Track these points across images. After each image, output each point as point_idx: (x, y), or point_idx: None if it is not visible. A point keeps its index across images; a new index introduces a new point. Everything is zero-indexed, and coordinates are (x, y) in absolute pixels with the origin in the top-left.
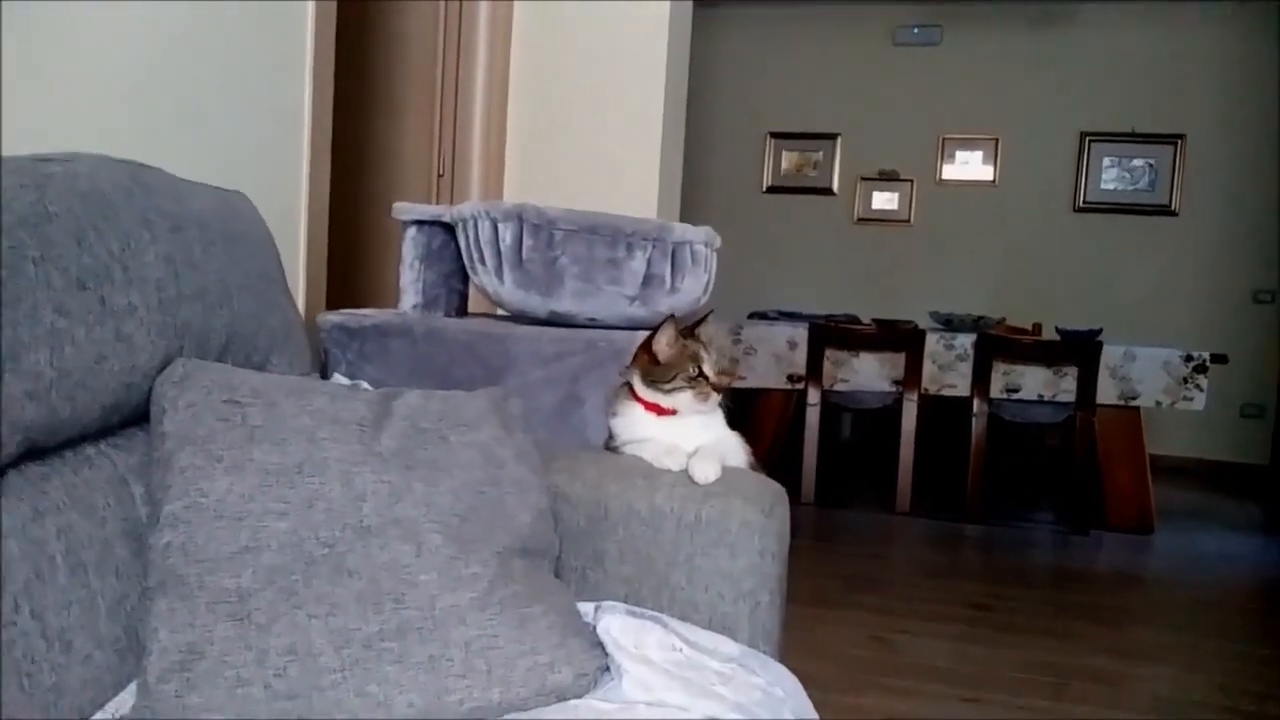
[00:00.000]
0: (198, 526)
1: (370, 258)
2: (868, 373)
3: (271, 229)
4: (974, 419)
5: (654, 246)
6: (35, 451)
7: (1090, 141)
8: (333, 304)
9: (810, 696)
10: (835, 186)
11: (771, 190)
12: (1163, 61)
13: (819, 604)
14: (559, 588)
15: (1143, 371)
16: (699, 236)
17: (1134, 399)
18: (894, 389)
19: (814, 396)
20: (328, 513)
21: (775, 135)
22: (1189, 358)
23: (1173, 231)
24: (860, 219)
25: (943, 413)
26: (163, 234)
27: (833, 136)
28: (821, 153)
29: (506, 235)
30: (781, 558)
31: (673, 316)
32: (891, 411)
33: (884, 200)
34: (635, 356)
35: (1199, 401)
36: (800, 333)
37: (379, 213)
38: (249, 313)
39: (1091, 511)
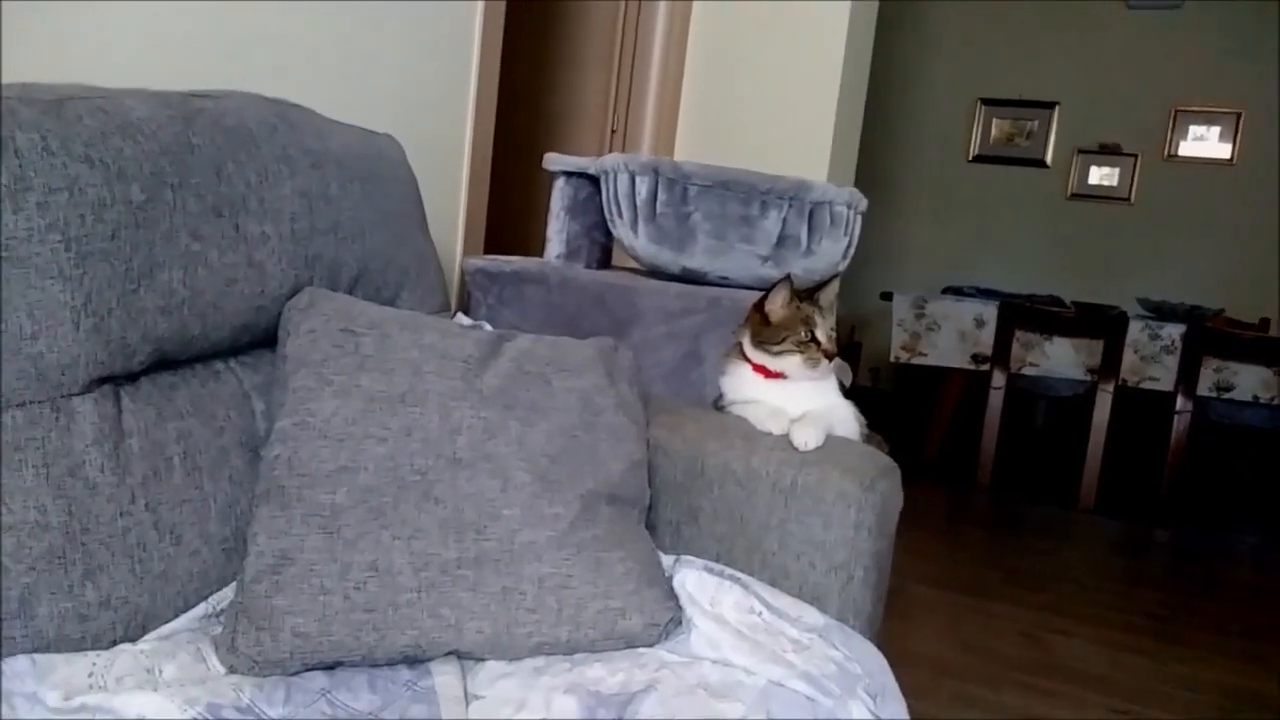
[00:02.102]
0: (303, 443)
1: (540, 207)
2: (1061, 358)
3: (432, 174)
4: (1176, 417)
5: (790, 205)
6: (167, 363)
7: None
8: (498, 249)
9: (941, 685)
10: (1049, 158)
11: (978, 160)
12: None
13: (975, 593)
14: (643, 537)
15: None
16: (840, 197)
17: None
18: (1088, 378)
19: (999, 379)
20: (424, 442)
21: (986, 102)
22: None
23: None
24: (1074, 194)
25: (1142, 407)
26: (301, 169)
27: (1050, 105)
28: (1036, 122)
29: (642, 189)
30: (881, 533)
31: (789, 277)
32: (1084, 401)
33: (1102, 175)
34: (748, 316)
35: None
36: (990, 310)
37: None
38: (381, 249)
39: None
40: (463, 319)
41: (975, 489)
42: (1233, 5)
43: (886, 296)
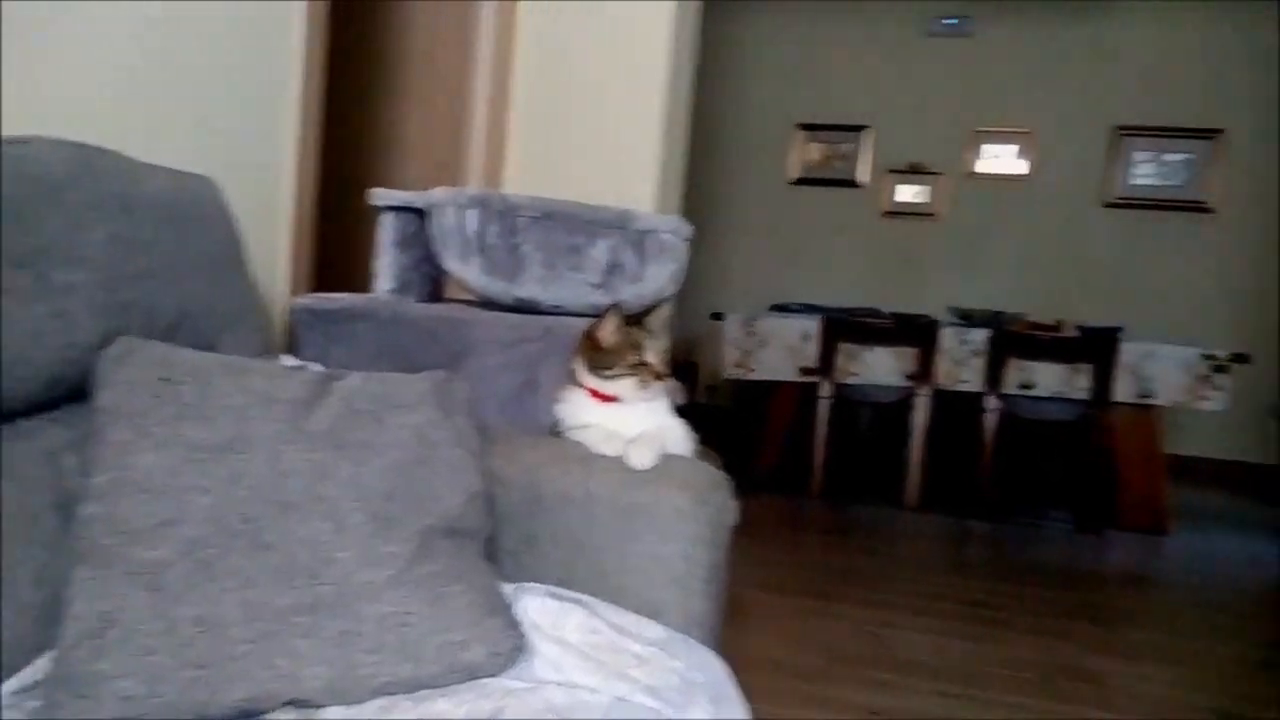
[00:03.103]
0: (122, 499)
1: (370, 243)
2: (880, 367)
3: (254, 213)
4: (986, 415)
5: (617, 234)
6: None
7: (1124, 136)
8: (332, 287)
9: (784, 686)
10: (863, 179)
11: (799, 182)
12: (1202, 55)
13: (813, 596)
14: (483, 568)
15: (1160, 370)
16: (666, 225)
17: (1150, 398)
18: (907, 383)
19: (825, 390)
20: (251, 489)
21: (803, 126)
22: (1209, 357)
23: (1208, 229)
24: (887, 212)
25: (957, 409)
26: (111, 214)
27: (861, 128)
28: (850, 145)
29: (471, 222)
30: (716, 545)
31: (617, 305)
32: (904, 406)
33: (912, 193)
34: (580, 343)
35: (1219, 401)
36: (814, 325)
37: None
38: (199, 293)
39: (1103, 511)
40: (288, 360)
41: (809, 495)
42: (1018, 31)
43: (717, 316)
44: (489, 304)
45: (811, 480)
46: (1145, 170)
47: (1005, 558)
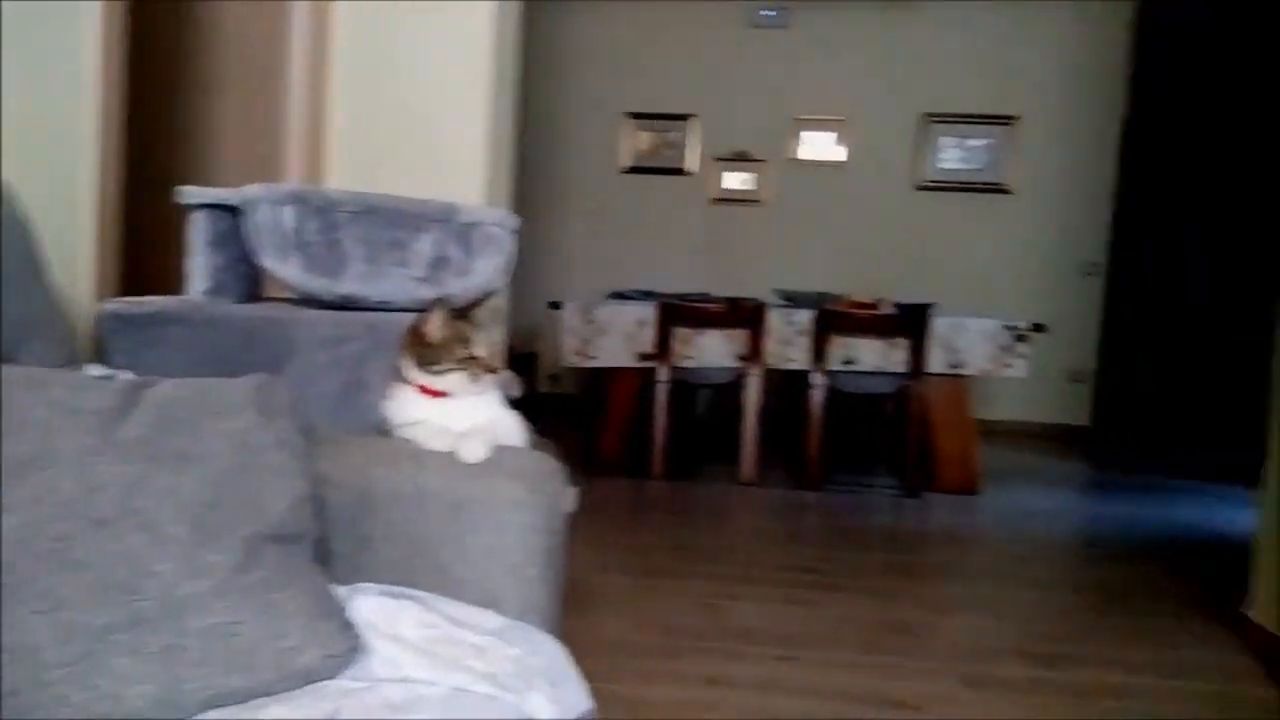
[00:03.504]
0: None
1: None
2: (714, 349)
3: (51, 217)
4: (812, 391)
5: (441, 228)
6: None
7: (931, 123)
8: (144, 292)
9: (627, 665)
10: (692, 166)
11: (630, 170)
12: (1000, 47)
13: (654, 575)
14: (314, 572)
15: (969, 342)
16: (492, 217)
17: (960, 368)
18: (739, 364)
19: (663, 374)
20: (58, 506)
21: (632, 116)
22: (1011, 328)
23: (1007, 209)
24: (716, 199)
25: (788, 386)
26: None
27: (688, 117)
28: (678, 133)
29: (288, 218)
30: (551, 531)
31: (441, 299)
32: (738, 386)
33: (739, 180)
34: (406, 339)
35: (1021, 369)
36: (649, 311)
37: None
38: None
39: (923, 475)
40: (95, 369)
41: (652, 477)
42: (834, 23)
43: (556, 305)
44: (311, 302)
45: (653, 462)
46: (951, 155)
47: (835, 525)
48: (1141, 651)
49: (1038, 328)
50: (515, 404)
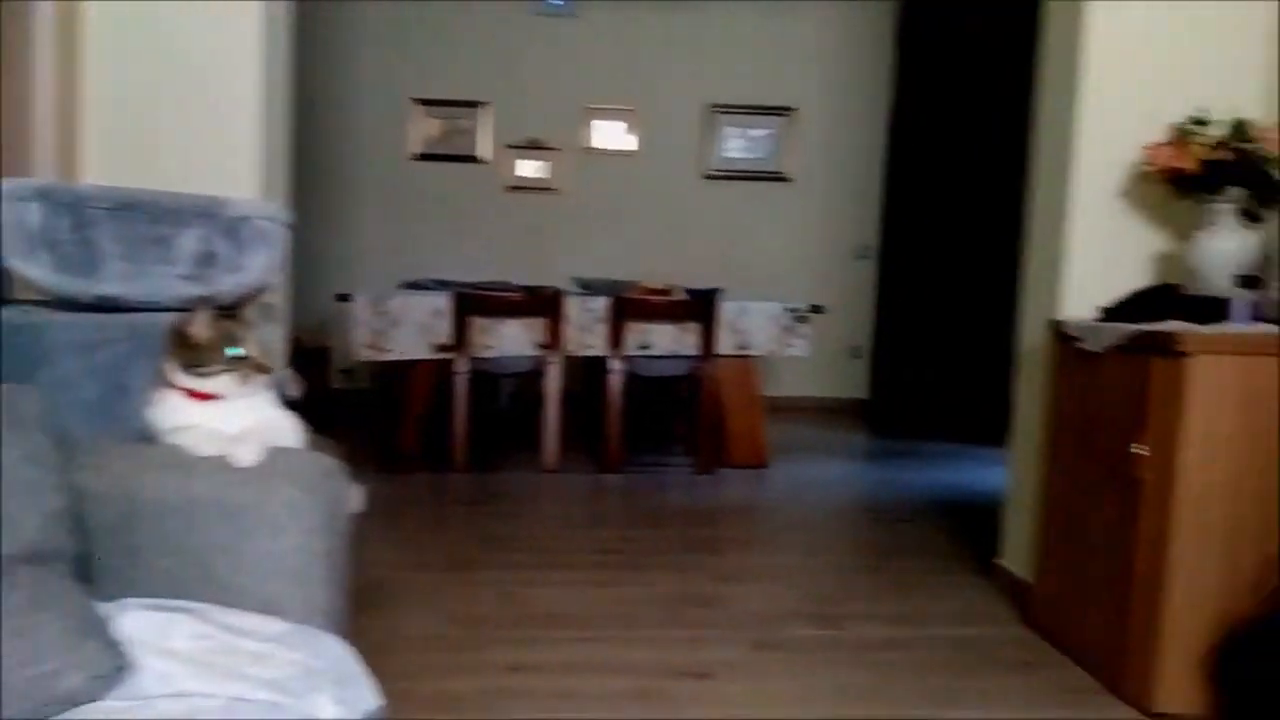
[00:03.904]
0: None
1: None
2: (513, 338)
3: None
4: (611, 376)
5: (207, 223)
6: None
7: (716, 113)
8: None
9: (431, 660)
10: (485, 154)
11: (421, 158)
12: (777, 40)
13: (457, 568)
14: (73, 591)
15: (754, 324)
16: (263, 211)
17: (747, 349)
18: (539, 353)
19: (461, 365)
20: None
21: (421, 102)
22: (792, 310)
23: (787, 196)
24: (510, 187)
25: (588, 372)
26: None
27: (479, 104)
28: (469, 120)
29: (34, 215)
30: (333, 532)
31: (206, 298)
32: (538, 374)
33: (533, 169)
34: (170, 341)
35: (802, 348)
36: (445, 301)
37: None
38: None
39: (715, 452)
40: None
41: (454, 470)
42: (617, 14)
43: (344, 298)
44: (65, 304)
45: (454, 454)
46: (735, 145)
47: (635, 506)
48: (913, 604)
49: (816, 309)
50: (298, 403)
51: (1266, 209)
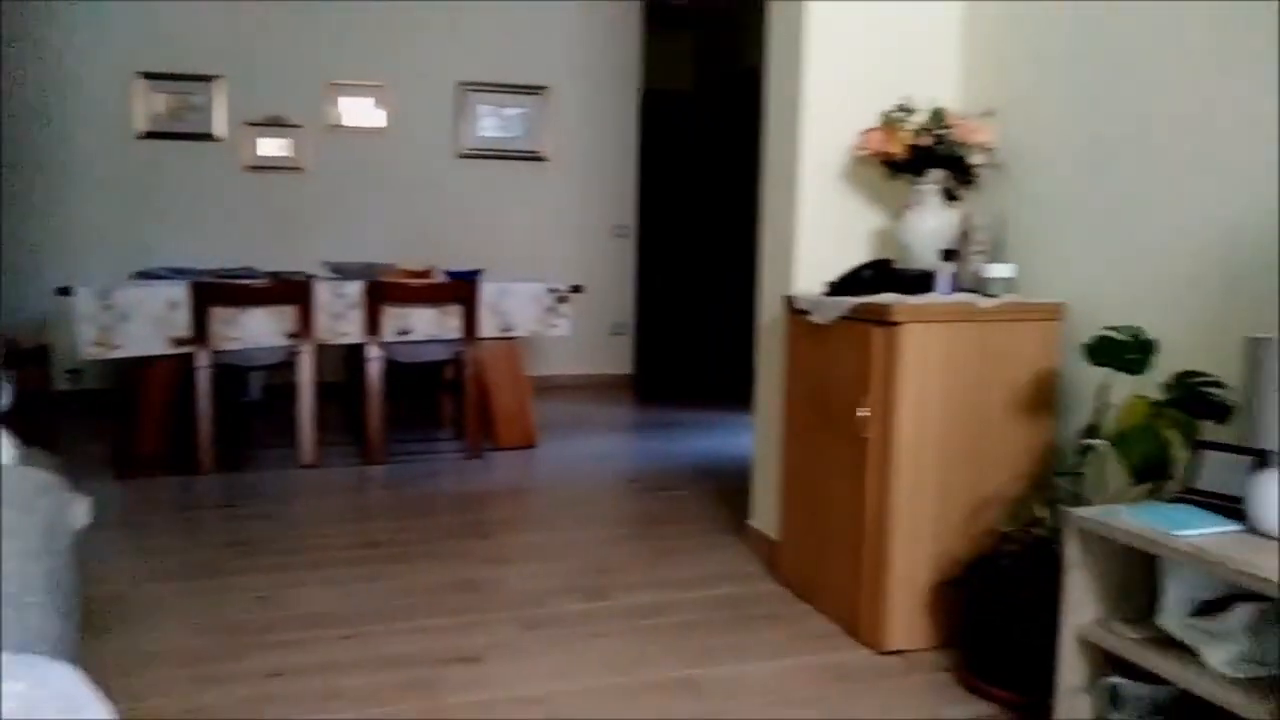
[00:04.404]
0: None
1: None
2: (260, 328)
3: None
4: (369, 364)
5: None
6: None
7: (468, 91)
8: None
9: (182, 674)
10: (220, 132)
11: (147, 136)
12: (527, 19)
13: (208, 575)
14: None
15: (516, 305)
16: None
17: (510, 330)
18: (290, 343)
19: (203, 359)
20: None
21: (146, 76)
22: (553, 290)
23: (544, 176)
24: (250, 166)
25: (349, 362)
26: None
27: (213, 78)
28: (201, 96)
29: None
30: (52, 552)
31: None
32: (290, 366)
33: (276, 147)
34: None
35: (565, 328)
36: (181, 292)
37: None
38: None
39: (483, 435)
40: None
41: (201, 472)
42: None
43: (65, 291)
44: None
45: (200, 455)
46: (489, 124)
47: (400, 496)
48: (676, 569)
49: (576, 289)
50: (10, 413)
51: (963, 189)
